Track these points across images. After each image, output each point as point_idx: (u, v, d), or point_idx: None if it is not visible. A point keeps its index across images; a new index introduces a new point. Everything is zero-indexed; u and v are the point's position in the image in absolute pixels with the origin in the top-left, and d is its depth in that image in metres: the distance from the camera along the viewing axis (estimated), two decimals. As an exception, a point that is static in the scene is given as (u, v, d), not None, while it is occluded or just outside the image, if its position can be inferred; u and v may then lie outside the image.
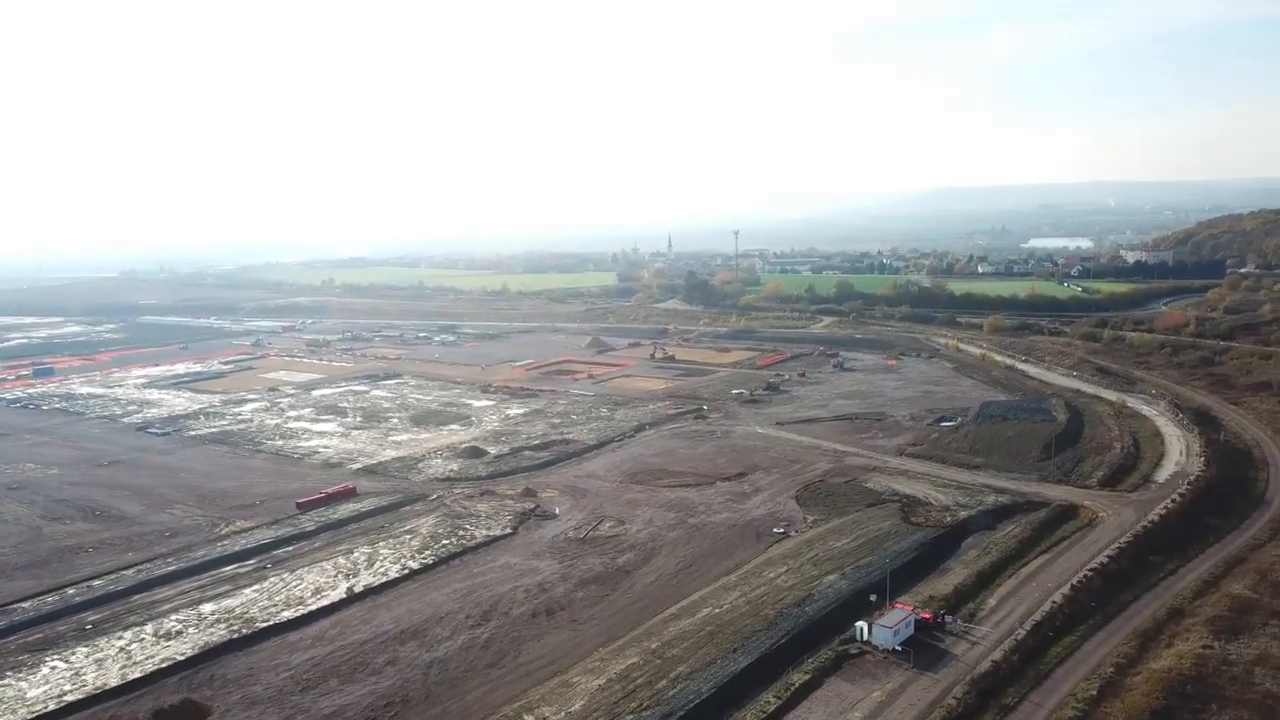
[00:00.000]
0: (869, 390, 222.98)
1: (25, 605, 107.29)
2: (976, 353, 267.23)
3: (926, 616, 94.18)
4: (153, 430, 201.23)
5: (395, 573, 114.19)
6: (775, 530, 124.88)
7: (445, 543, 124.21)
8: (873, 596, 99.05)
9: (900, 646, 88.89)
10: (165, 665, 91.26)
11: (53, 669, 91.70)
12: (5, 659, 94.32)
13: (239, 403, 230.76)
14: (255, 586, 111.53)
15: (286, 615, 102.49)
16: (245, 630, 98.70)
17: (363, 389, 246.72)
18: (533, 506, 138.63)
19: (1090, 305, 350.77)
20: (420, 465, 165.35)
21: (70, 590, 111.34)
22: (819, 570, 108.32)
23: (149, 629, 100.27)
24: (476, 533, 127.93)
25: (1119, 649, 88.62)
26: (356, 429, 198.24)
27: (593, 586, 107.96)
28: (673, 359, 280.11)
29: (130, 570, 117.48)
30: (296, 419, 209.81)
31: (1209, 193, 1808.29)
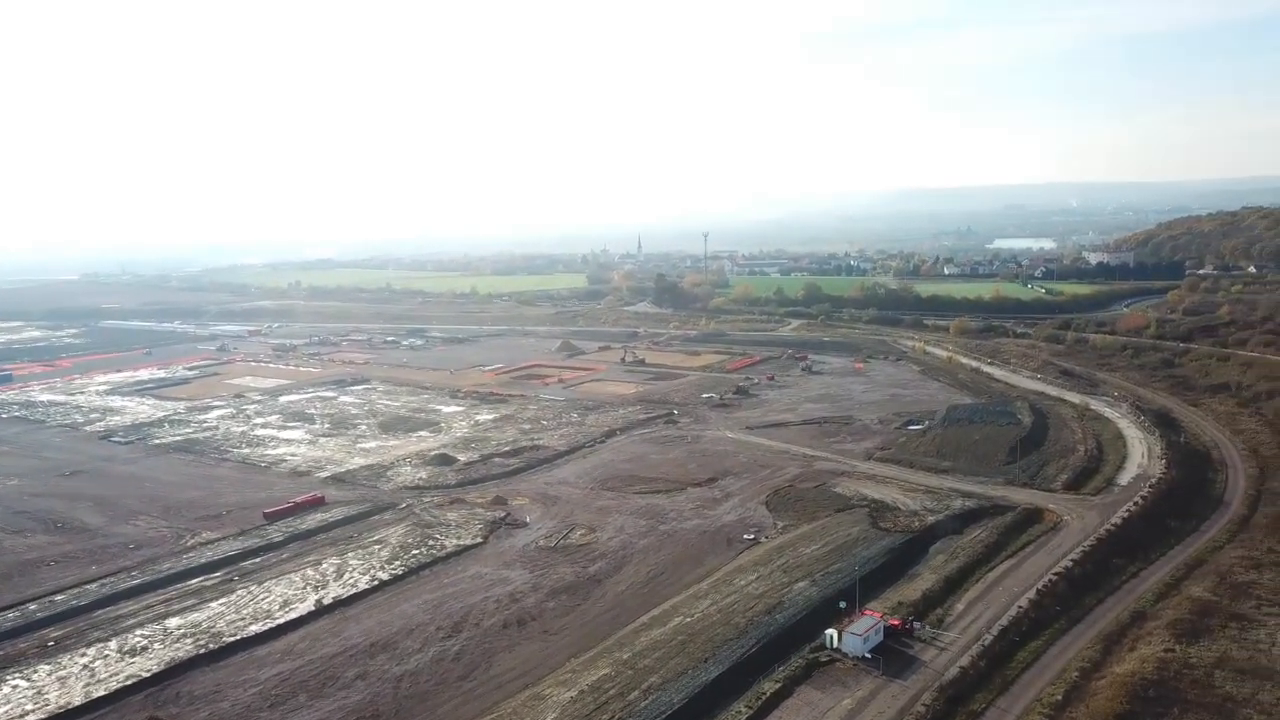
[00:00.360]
0: (837, 394, 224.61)
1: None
2: (943, 355, 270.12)
3: (895, 623, 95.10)
4: (116, 439, 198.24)
5: (365, 584, 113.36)
6: (746, 536, 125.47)
7: (415, 553, 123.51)
8: (842, 603, 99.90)
9: (870, 654, 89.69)
10: (130, 683, 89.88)
11: (14, 688, 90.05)
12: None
13: (204, 409, 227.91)
14: (222, 600, 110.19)
15: (254, 629, 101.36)
16: (212, 645, 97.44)
17: (330, 395, 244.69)
18: (503, 515, 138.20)
19: (1054, 307, 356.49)
20: (389, 473, 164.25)
21: (31, 605, 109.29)
22: (789, 577, 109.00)
23: (113, 645, 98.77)
24: (447, 542, 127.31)
25: (1083, 653, 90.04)
26: (324, 436, 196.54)
27: (564, 596, 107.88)
28: (643, 363, 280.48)
29: (93, 584, 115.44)
30: (263, 426, 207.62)
31: (1169, 194, 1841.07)
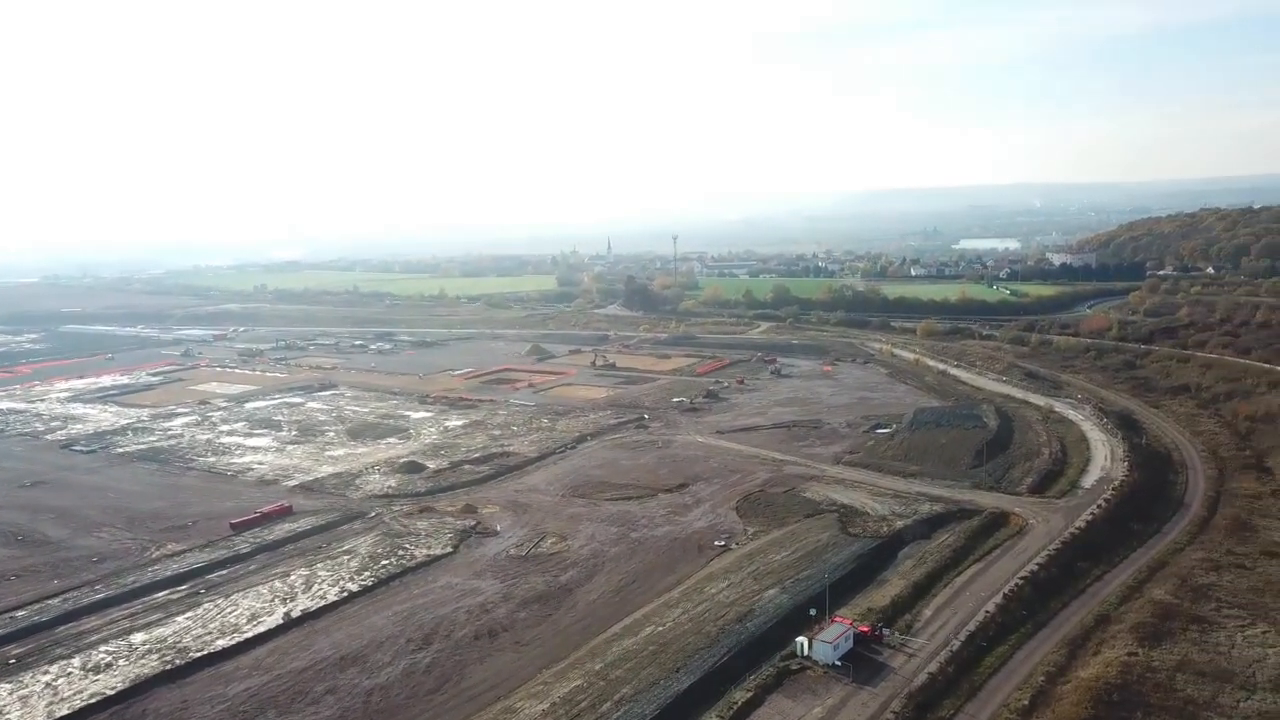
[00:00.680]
0: (806, 397, 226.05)
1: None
2: (910, 358, 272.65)
3: (865, 630, 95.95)
4: (78, 448, 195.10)
5: (334, 595, 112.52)
6: (716, 543, 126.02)
7: (385, 563, 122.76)
8: (812, 611, 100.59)
9: (840, 661, 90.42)
10: (94, 701, 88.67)
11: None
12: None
13: (169, 417, 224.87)
14: (188, 614, 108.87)
15: (221, 644, 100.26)
16: (178, 661, 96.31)
17: (298, 401, 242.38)
18: (473, 523, 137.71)
19: (1019, 308, 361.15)
20: (358, 481, 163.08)
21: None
22: (760, 584, 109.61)
23: (76, 662, 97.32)
24: (416, 552, 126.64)
25: (1049, 658, 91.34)
26: (292, 443, 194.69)
27: (535, 606, 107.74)
28: (614, 366, 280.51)
29: (56, 599, 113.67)
30: (229, 434, 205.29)
31: (1130, 194, 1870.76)
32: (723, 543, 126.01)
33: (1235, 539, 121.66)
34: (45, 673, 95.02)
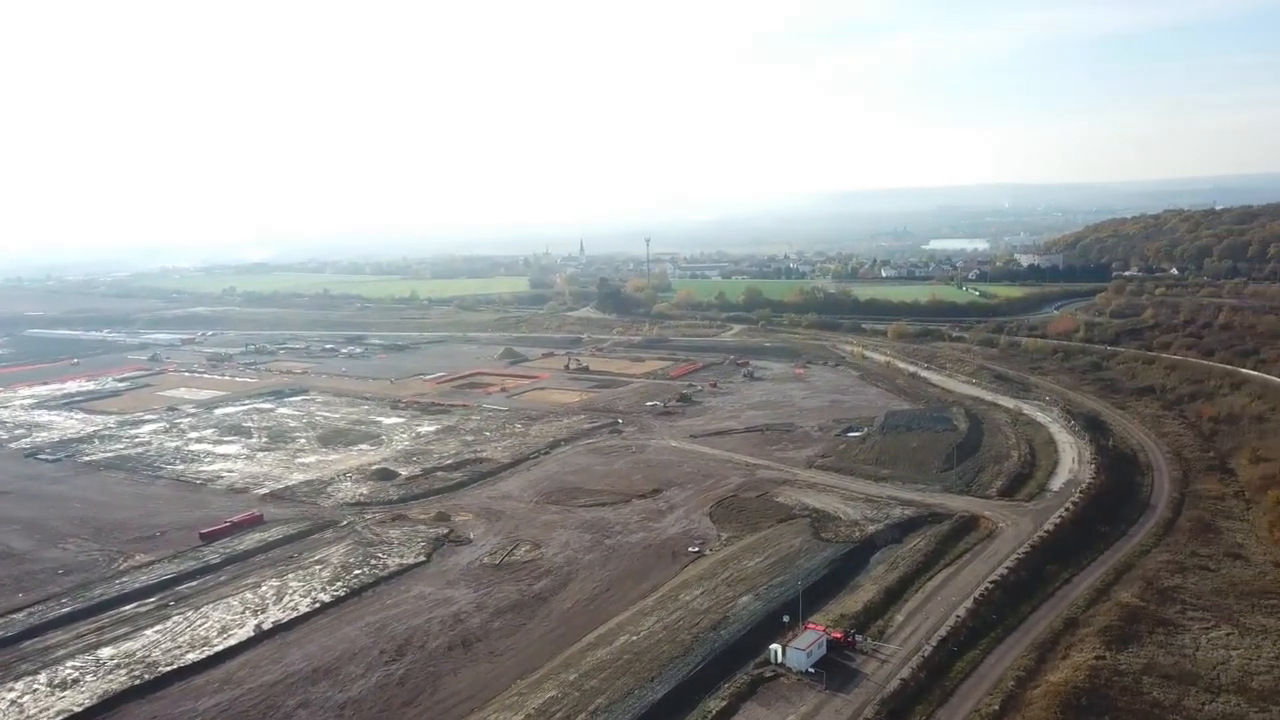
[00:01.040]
0: (778, 400, 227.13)
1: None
2: (881, 360, 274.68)
3: (838, 636, 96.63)
4: (43, 456, 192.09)
5: (305, 607, 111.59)
6: (690, 549, 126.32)
7: (357, 573, 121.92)
8: (785, 617, 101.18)
9: (813, 668, 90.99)
10: (62, 718, 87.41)
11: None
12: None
13: (136, 424, 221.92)
14: (157, 627, 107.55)
15: (191, 657, 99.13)
16: (147, 676, 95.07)
17: (268, 406, 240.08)
18: (446, 531, 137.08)
19: (988, 310, 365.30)
20: (329, 489, 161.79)
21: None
22: (733, 591, 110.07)
23: (43, 678, 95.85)
24: (389, 561, 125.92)
25: (1019, 662, 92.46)
26: (262, 450, 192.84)
27: (509, 615, 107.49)
28: (587, 370, 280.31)
29: (20, 613, 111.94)
30: (198, 441, 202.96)
31: (1096, 195, 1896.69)
32: (697, 549, 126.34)
33: (1199, 541, 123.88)
34: (10, 690, 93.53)
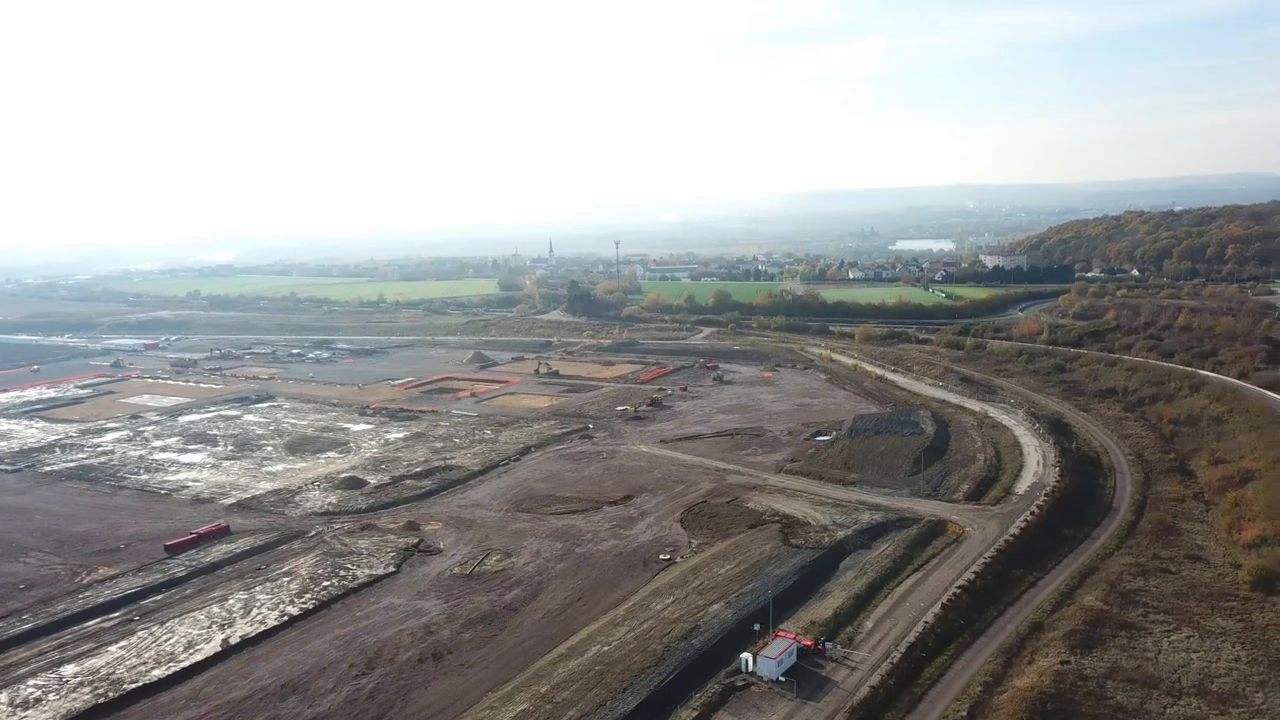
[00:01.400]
0: (748, 404, 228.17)
1: None
2: (849, 363, 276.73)
3: (808, 644, 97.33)
4: (2, 466, 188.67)
5: (273, 620, 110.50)
6: (662, 557, 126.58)
7: (326, 584, 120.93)
8: (756, 625, 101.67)
9: (784, 676, 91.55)
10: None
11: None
12: None
13: (99, 432, 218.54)
14: (122, 643, 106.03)
15: (157, 674, 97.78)
16: (112, 694, 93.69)
17: (234, 413, 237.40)
18: (416, 541, 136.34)
19: (954, 312, 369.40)
20: (297, 498, 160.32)
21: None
22: (705, 599, 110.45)
23: (3, 698, 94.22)
24: (358, 572, 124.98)
25: (986, 667, 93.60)
26: (228, 459, 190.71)
27: (480, 627, 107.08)
28: (557, 374, 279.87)
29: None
30: (163, 449, 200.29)
31: (1059, 195, 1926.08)
32: (668, 556, 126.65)
33: (1161, 543, 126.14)
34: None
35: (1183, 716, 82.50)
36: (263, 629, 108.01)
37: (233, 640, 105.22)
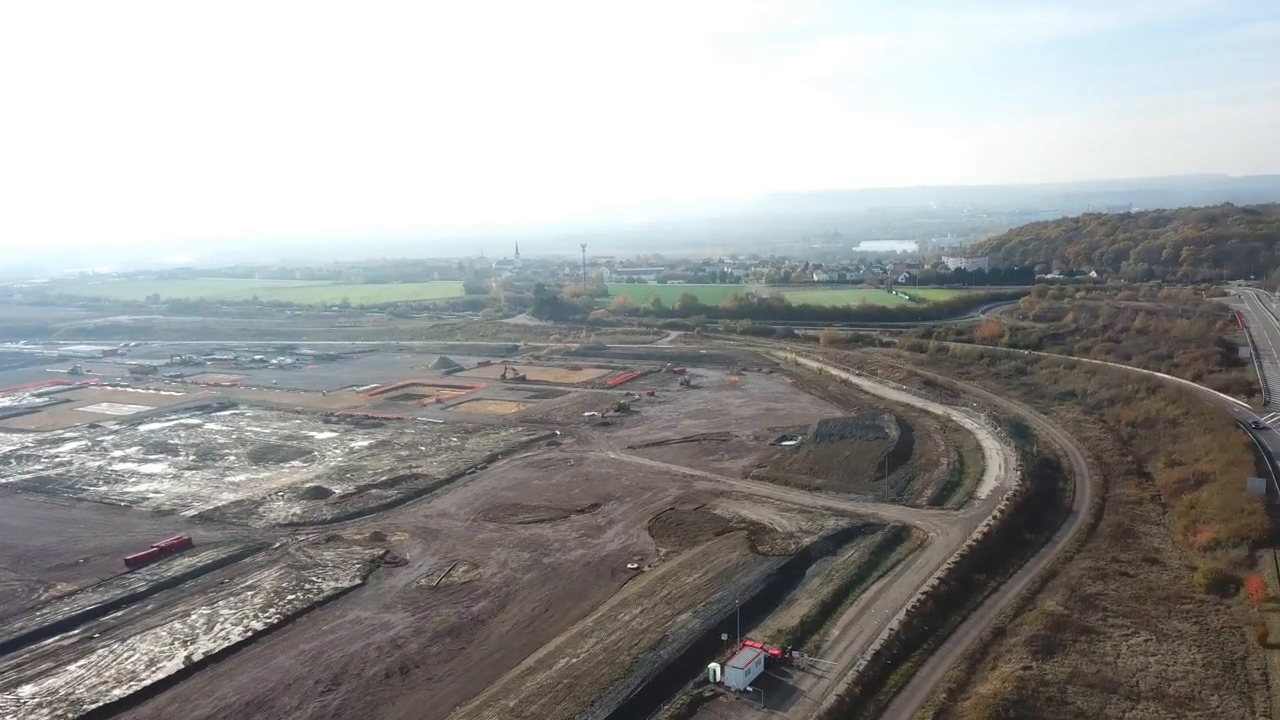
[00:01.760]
0: (715, 409, 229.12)
1: None
2: (814, 367, 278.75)
3: (775, 653, 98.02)
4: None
5: (237, 636, 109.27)
6: (629, 566, 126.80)
7: (291, 598, 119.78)
8: (724, 635, 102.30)
9: (751, 686, 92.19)
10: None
11: None
12: None
13: (56, 442, 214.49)
14: (81, 661, 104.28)
15: (118, 693, 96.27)
16: (71, 715, 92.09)
17: (195, 422, 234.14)
18: (382, 552, 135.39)
19: (917, 314, 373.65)
20: (261, 509, 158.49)
21: None
22: (672, 609, 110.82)
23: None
24: (324, 585, 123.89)
25: (950, 674, 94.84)
26: (189, 469, 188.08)
27: (447, 640, 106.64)
28: (524, 379, 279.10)
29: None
30: (122, 460, 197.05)
31: (1018, 196, 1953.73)
32: (635, 565, 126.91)
33: (1119, 546, 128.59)
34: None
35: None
36: (226, 645, 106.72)
37: (195, 657, 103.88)
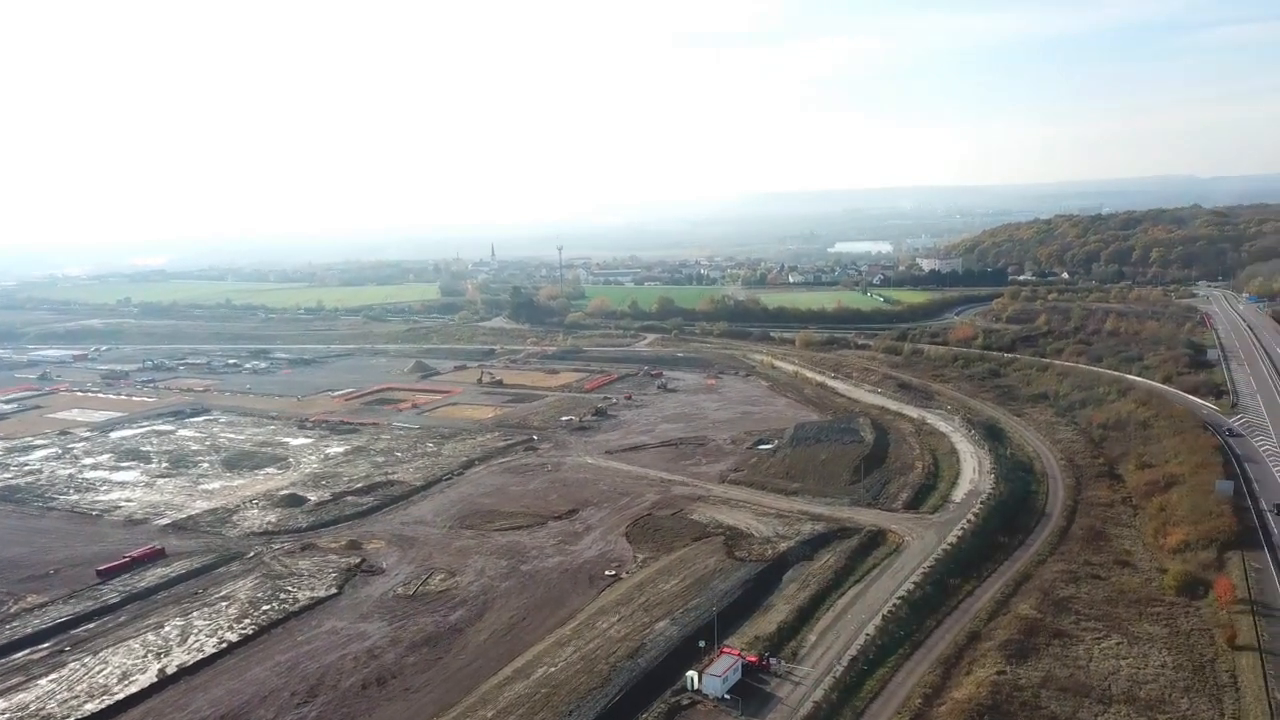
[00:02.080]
0: (691, 412, 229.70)
1: None
2: (790, 369, 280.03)
3: (753, 660, 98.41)
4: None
5: (211, 647, 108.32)
6: (607, 573, 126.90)
7: (266, 608, 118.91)
8: (701, 642, 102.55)
9: (729, 694, 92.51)
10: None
11: None
12: None
13: (25, 450, 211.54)
14: (52, 675, 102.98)
15: (90, 708, 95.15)
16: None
17: (168, 428, 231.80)
18: (358, 560, 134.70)
19: (892, 316, 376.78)
20: (235, 518, 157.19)
21: None
22: (650, 616, 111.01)
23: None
24: (299, 595, 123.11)
25: (925, 679, 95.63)
26: (162, 477, 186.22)
27: (424, 649, 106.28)
28: (501, 383, 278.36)
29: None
30: (93, 467, 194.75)
31: (992, 196, 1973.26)
32: (613, 572, 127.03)
33: (1091, 549, 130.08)
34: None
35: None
36: (200, 657, 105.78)
37: (169, 670, 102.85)
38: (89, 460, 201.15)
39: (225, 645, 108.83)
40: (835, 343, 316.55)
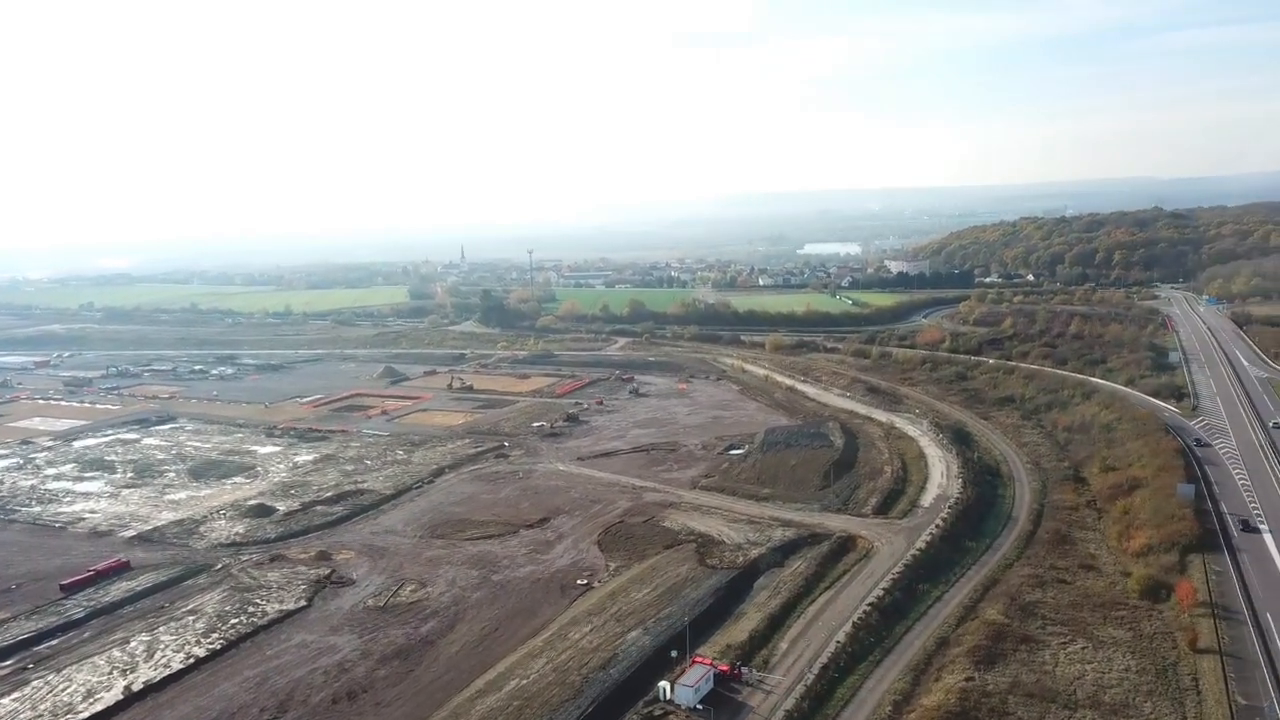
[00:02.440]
0: (663, 417, 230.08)
1: None
2: (760, 373, 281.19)
3: (724, 669, 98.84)
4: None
5: (179, 663, 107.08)
6: (579, 582, 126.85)
7: (234, 622, 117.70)
8: (674, 652, 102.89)
9: (701, 704, 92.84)
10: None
11: None
12: None
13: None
14: (15, 694, 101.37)
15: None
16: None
17: (133, 437, 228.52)
18: (328, 572, 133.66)
19: (860, 319, 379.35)
20: (202, 529, 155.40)
21: None
22: (622, 626, 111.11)
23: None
24: (268, 607, 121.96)
25: (895, 686, 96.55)
26: (127, 487, 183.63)
27: (395, 662, 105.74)
28: (471, 389, 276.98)
29: None
30: (56, 478, 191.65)
31: (958, 198, 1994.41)
32: (585, 581, 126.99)
33: (1057, 553, 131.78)
34: None
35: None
36: (167, 673, 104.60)
37: (135, 687, 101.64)
38: (52, 471, 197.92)
39: (193, 661, 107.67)
40: (805, 346, 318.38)
